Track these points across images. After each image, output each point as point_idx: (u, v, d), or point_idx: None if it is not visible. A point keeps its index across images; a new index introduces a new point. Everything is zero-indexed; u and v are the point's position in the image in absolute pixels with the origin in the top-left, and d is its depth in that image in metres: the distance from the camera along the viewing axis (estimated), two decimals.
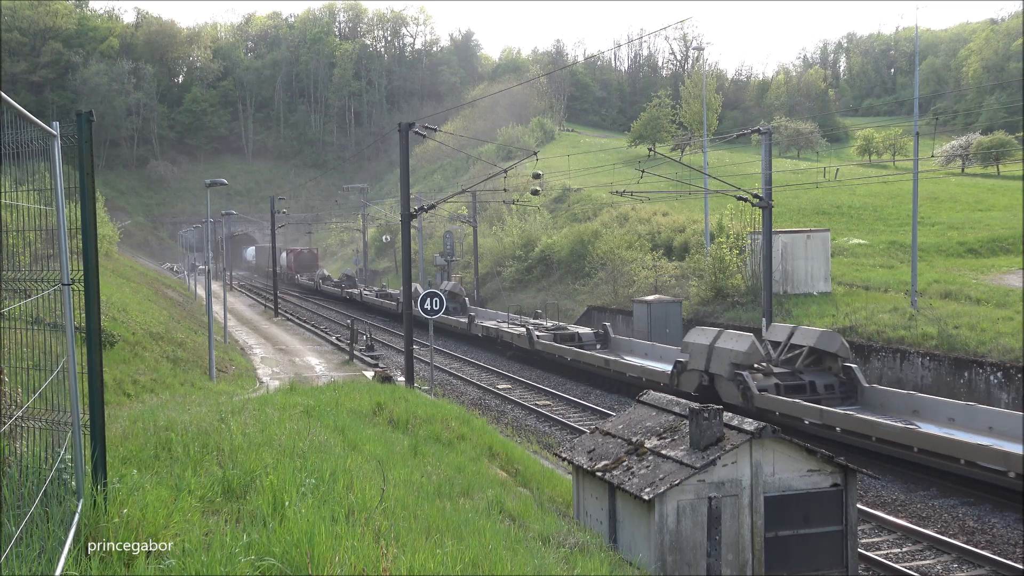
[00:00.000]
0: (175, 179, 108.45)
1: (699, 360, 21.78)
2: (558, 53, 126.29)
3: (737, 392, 20.47)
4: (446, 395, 24.96)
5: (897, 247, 37.96)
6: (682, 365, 22.44)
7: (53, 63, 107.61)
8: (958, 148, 61.28)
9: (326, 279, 66.22)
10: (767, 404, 19.72)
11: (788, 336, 21.53)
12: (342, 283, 61.70)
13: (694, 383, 21.90)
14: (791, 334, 21.51)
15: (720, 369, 21.07)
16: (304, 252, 79.75)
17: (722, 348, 21.21)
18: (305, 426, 10.37)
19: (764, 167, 26.57)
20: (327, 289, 63.73)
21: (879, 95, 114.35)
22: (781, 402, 19.42)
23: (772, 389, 20.06)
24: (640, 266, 39.80)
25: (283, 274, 76.68)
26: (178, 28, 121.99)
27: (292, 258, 78.27)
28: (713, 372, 21.36)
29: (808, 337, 20.97)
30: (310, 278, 71.01)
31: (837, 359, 20.51)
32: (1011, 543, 13.47)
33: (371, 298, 50.98)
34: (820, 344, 20.58)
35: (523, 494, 10.80)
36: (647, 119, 76.28)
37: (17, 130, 4.47)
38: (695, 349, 22.08)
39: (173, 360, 23.22)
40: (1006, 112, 74.53)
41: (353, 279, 62.02)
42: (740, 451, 8.73)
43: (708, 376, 21.52)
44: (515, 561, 6.45)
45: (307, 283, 71.19)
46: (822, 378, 20.48)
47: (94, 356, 5.27)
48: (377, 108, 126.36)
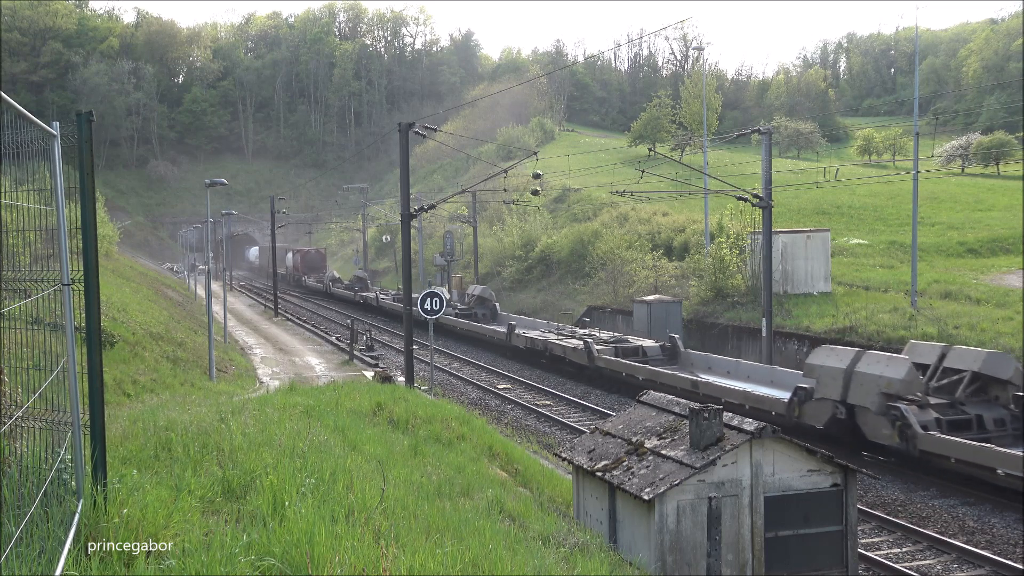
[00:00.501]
0: (175, 179, 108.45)
1: (832, 388, 17.89)
2: (558, 53, 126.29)
3: (891, 430, 16.59)
4: (446, 395, 24.96)
5: (897, 247, 37.97)
6: (806, 393, 18.53)
7: (53, 63, 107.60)
8: (958, 148, 61.28)
9: (336, 281, 62.93)
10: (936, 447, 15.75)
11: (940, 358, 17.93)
12: (354, 285, 57.82)
13: (825, 416, 18.05)
14: (943, 355, 17.96)
15: (864, 400, 17.17)
16: (312, 252, 75.70)
17: (866, 373, 17.23)
18: (305, 426, 10.37)
19: (764, 167, 26.57)
20: (338, 292, 60.02)
21: (879, 95, 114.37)
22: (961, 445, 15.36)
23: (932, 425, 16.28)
24: (640, 266, 39.81)
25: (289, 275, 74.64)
26: (178, 28, 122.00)
27: (299, 259, 74.35)
28: (853, 403, 17.46)
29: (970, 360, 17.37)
30: (318, 280, 67.66)
31: (1008, 387, 16.70)
32: (1011, 543, 13.47)
33: (388, 302, 47.22)
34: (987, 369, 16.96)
35: (523, 494, 10.80)
36: (647, 119, 76.30)
37: (17, 130, 4.47)
38: (825, 373, 18.13)
39: (173, 360, 23.23)
40: (1006, 112, 74.53)
41: (366, 281, 58.10)
42: (740, 451, 8.73)
43: (845, 408, 17.61)
44: (515, 561, 6.45)
45: (315, 285, 67.78)
46: (989, 411, 16.73)
47: (94, 356, 5.26)
48: (377, 108, 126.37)
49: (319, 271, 70.92)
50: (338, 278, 63.81)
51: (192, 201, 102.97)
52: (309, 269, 72.21)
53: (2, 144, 4.28)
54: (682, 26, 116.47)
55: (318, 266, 72.35)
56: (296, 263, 74.04)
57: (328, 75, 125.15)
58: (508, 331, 33.05)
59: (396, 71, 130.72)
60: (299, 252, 75.90)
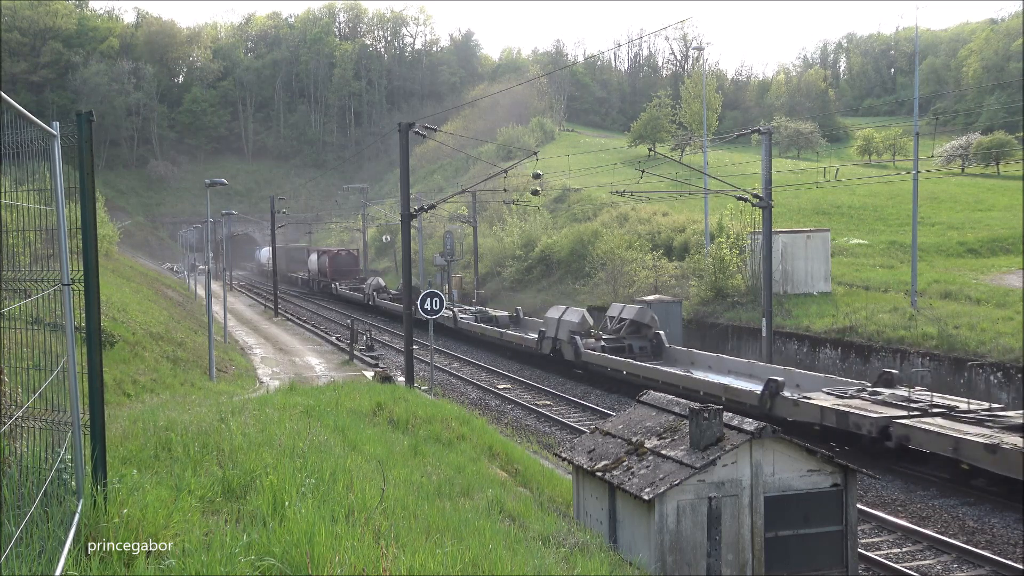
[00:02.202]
0: (175, 179, 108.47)
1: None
2: (558, 53, 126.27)
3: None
4: (446, 395, 24.96)
5: (897, 247, 37.97)
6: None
7: (53, 63, 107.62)
8: (958, 148, 61.26)
9: (382, 290, 50.30)
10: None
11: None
12: None
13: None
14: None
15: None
16: (342, 254, 62.75)
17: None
18: (305, 426, 10.37)
19: (764, 167, 26.57)
20: (386, 305, 47.63)
21: (879, 95, 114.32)
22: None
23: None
24: (640, 266, 39.81)
25: (312, 281, 65.98)
26: (178, 28, 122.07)
27: (326, 261, 61.66)
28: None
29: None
30: (354, 288, 55.35)
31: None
32: (1011, 543, 13.47)
33: (469, 323, 37.47)
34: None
35: (523, 494, 10.80)
36: (647, 119, 76.30)
37: (17, 130, 4.47)
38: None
39: (173, 360, 23.23)
40: (1006, 112, 74.51)
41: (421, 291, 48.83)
42: (740, 451, 8.72)
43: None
44: (515, 561, 6.45)
45: (350, 295, 54.83)
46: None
47: (94, 356, 5.26)
48: (377, 108, 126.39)
49: (353, 276, 59.78)
50: (384, 286, 51.31)
51: (192, 201, 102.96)
52: (340, 274, 60.52)
53: (2, 144, 4.28)
54: (682, 26, 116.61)
55: (351, 270, 61.06)
56: (323, 267, 62.45)
57: (328, 75, 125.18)
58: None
59: (396, 71, 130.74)
60: (326, 253, 63.76)
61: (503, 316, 37.67)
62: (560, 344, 28.47)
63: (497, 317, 37.57)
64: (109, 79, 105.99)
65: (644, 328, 27.93)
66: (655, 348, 27.93)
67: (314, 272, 65.39)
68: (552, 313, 29.74)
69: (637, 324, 28.04)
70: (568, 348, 27.87)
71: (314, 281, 65.85)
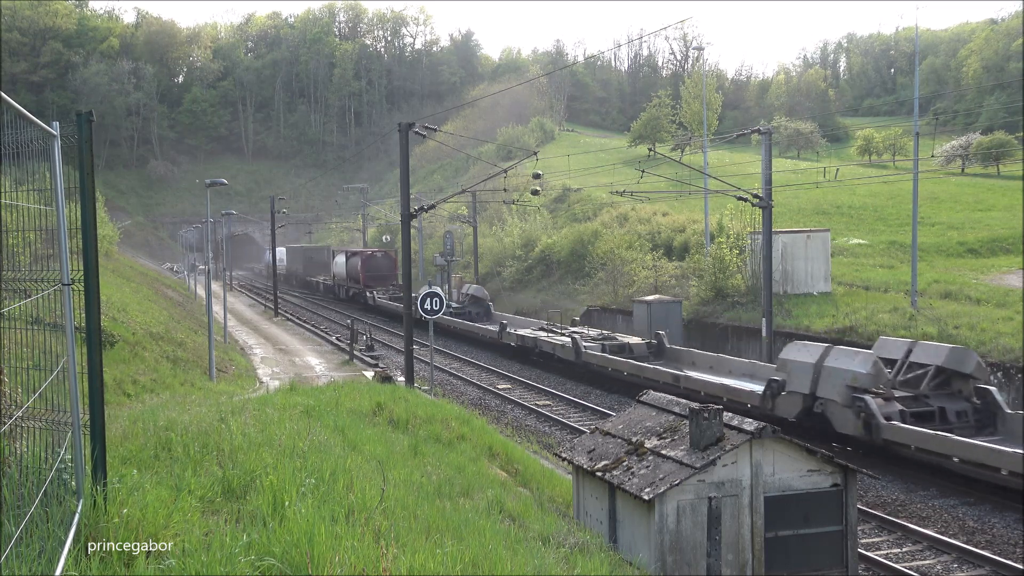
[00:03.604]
0: (175, 179, 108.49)
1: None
2: (558, 53, 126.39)
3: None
4: (446, 395, 24.96)
5: (897, 247, 37.97)
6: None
7: (53, 63, 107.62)
8: (958, 148, 61.26)
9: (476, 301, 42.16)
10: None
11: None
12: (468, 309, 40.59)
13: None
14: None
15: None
16: (378, 256, 53.60)
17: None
18: (305, 426, 10.37)
19: (764, 167, 26.57)
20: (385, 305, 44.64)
21: (879, 95, 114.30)
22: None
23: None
24: (640, 266, 39.80)
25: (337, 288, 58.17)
26: (178, 28, 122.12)
27: (358, 264, 52.70)
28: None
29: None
30: (395, 297, 47.16)
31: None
32: (1011, 543, 13.47)
33: (596, 354, 27.10)
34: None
35: (523, 494, 10.80)
36: (647, 119, 76.30)
37: (17, 130, 4.47)
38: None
39: (173, 360, 23.23)
40: (1006, 112, 74.48)
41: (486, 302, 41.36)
42: (740, 451, 8.72)
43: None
44: (515, 561, 6.45)
45: (392, 306, 46.00)
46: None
47: (94, 356, 5.27)
48: (377, 108, 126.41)
49: (390, 282, 51.56)
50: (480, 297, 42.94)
51: (192, 201, 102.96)
52: (375, 280, 51.87)
53: (2, 144, 4.28)
54: (682, 26, 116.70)
55: (389, 275, 52.26)
56: (354, 271, 53.70)
57: (328, 75, 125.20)
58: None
59: (396, 71, 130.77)
60: (358, 255, 54.44)
61: (638, 344, 27.56)
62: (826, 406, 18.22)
63: (632, 346, 27.50)
64: (109, 79, 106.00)
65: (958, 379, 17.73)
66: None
67: (341, 277, 56.77)
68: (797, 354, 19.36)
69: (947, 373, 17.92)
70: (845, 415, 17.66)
71: (340, 287, 57.17)
